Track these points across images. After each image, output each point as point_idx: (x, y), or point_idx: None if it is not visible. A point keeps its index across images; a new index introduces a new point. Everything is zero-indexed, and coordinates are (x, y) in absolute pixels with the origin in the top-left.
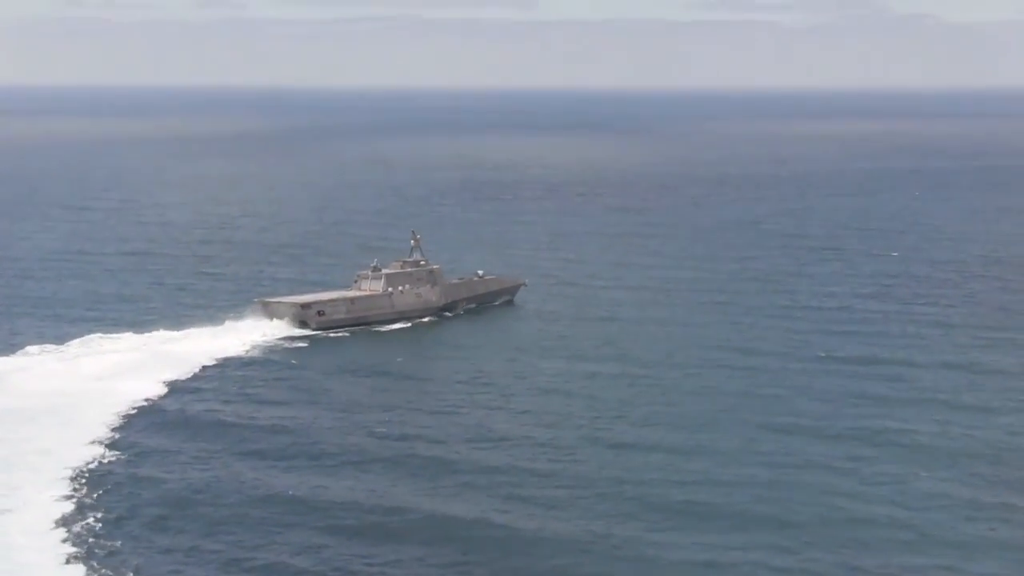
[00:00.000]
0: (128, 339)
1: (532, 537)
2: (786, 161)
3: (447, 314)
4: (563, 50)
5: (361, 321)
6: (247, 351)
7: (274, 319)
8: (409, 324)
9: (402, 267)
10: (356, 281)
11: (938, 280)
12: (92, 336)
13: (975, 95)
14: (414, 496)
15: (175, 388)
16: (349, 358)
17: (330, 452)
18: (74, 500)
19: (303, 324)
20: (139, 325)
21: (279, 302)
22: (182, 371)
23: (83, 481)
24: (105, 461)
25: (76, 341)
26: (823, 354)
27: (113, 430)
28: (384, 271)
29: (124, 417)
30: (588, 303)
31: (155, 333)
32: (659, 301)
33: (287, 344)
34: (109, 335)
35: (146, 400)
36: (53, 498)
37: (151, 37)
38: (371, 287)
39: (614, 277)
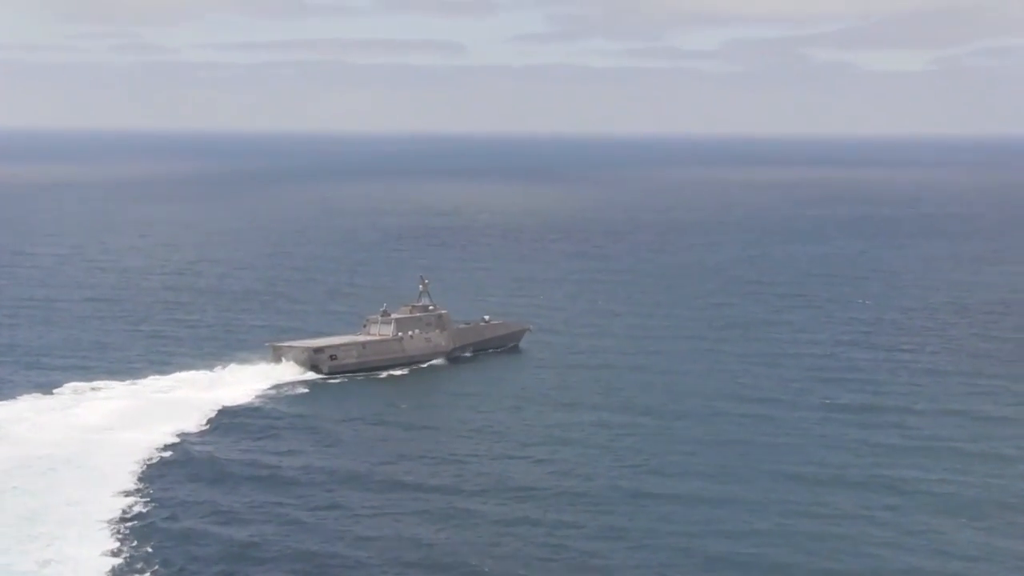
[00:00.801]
0: (119, 387)
1: None
2: (732, 207)
3: (455, 358)
4: (492, 96)
5: (372, 365)
6: (258, 396)
7: (285, 363)
8: (422, 367)
9: (411, 312)
10: (365, 325)
11: (915, 328)
12: (78, 384)
13: (894, 143)
14: (451, 547)
15: (191, 436)
16: (366, 405)
17: (365, 504)
18: (122, 555)
19: (315, 368)
20: (124, 373)
21: (290, 346)
22: (194, 418)
23: (124, 534)
24: (139, 512)
25: (66, 388)
26: (825, 401)
27: (139, 480)
28: (394, 316)
29: (145, 467)
30: (584, 350)
31: (146, 380)
32: (648, 349)
33: (300, 388)
34: (97, 382)
35: (163, 449)
36: (100, 552)
37: (73, 80)
38: (381, 332)
39: (597, 324)
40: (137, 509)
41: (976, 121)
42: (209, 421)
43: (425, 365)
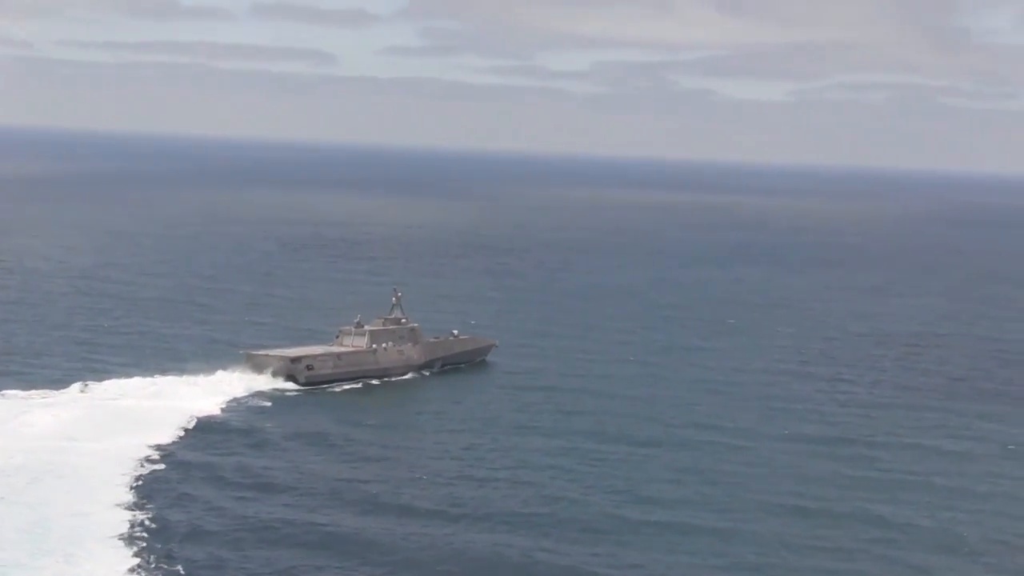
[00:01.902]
0: (60, 395)
1: None
2: (620, 229)
3: (425, 372)
4: (362, 107)
5: (346, 376)
6: (234, 404)
7: (260, 372)
8: (394, 380)
9: (384, 324)
10: (338, 336)
11: (844, 358)
12: (14, 391)
13: (755, 171)
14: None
15: (172, 445)
16: (348, 417)
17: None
18: (146, 571)
19: (291, 378)
20: (60, 381)
21: (266, 355)
22: (169, 427)
23: (140, 548)
24: (150, 526)
25: (10, 394)
26: (785, 432)
27: (134, 491)
28: (368, 328)
29: (135, 478)
30: (533, 371)
31: (101, 386)
32: (595, 372)
33: (277, 398)
34: (33, 391)
35: (149, 460)
36: (125, 569)
37: None
38: (355, 343)
39: (538, 345)
40: (145, 522)
41: (832, 152)
42: (186, 430)
43: (396, 378)
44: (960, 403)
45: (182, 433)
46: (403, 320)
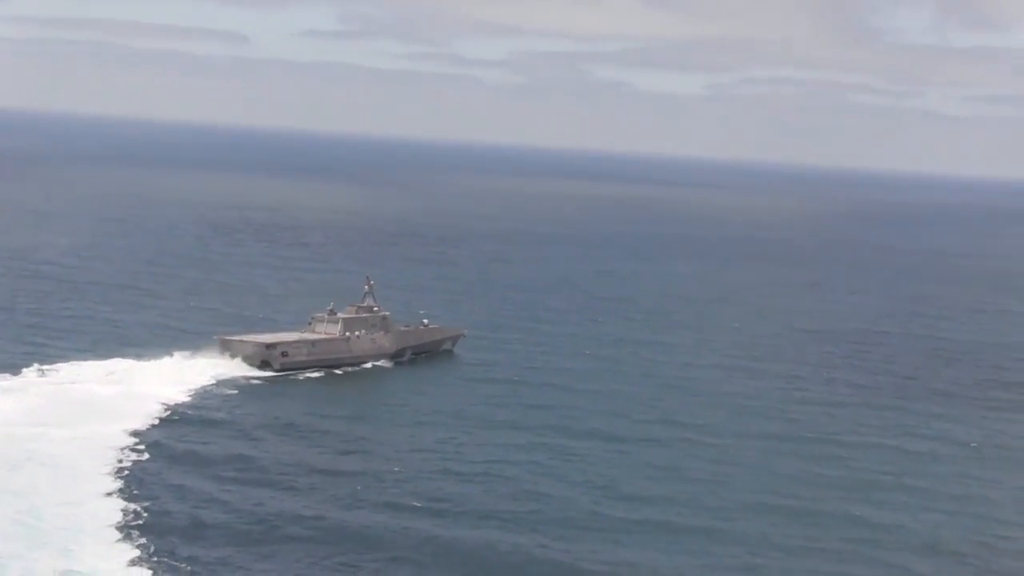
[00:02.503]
0: (26, 378)
1: None
2: (549, 219)
3: (396, 360)
4: (276, 90)
5: (320, 364)
6: (209, 389)
7: (234, 357)
8: (367, 367)
9: (357, 312)
10: (310, 323)
11: (794, 355)
12: None
13: (672, 163)
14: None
15: (150, 431)
16: (323, 406)
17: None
18: (148, 564)
19: (265, 364)
20: (13, 366)
21: (241, 341)
22: (144, 413)
23: (137, 538)
24: (143, 515)
25: None
26: (752, 429)
27: (120, 479)
28: (340, 315)
29: (119, 465)
30: (493, 363)
31: (58, 371)
32: (553, 365)
33: (251, 383)
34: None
35: (131, 447)
36: (126, 561)
37: None
38: (327, 330)
39: (491, 337)
40: (139, 512)
41: (744, 146)
42: (160, 417)
43: (369, 365)
44: (915, 402)
45: (156, 420)
46: (375, 308)
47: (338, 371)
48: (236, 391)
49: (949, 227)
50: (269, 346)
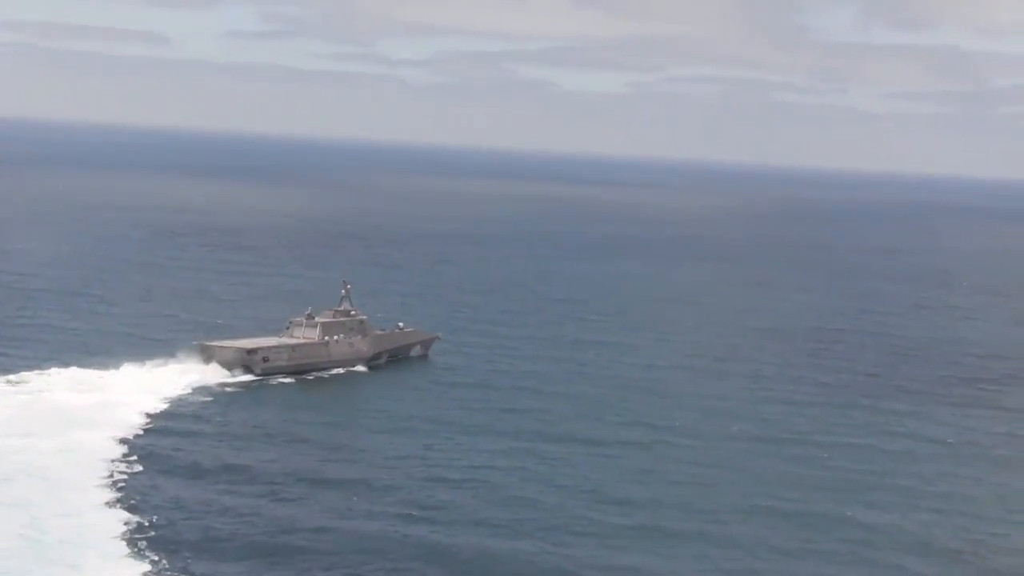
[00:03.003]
0: None
1: None
2: (491, 222)
3: (373, 364)
4: (198, 92)
5: (299, 368)
6: (191, 395)
7: (212, 363)
8: (342, 372)
9: (335, 316)
10: (288, 328)
11: (755, 355)
12: None
13: (597, 163)
14: None
15: (139, 438)
16: (306, 412)
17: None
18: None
19: (246, 369)
20: None
21: (221, 346)
22: (127, 420)
23: (145, 550)
24: (148, 526)
25: None
26: (732, 431)
27: (117, 488)
28: (319, 320)
29: (113, 474)
30: (467, 368)
31: (24, 381)
32: (521, 369)
33: (229, 390)
34: None
35: (123, 455)
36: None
37: None
38: (306, 335)
39: (452, 340)
40: (140, 523)
41: (668, 145)
42: (145, 423)
43: (343, 371)
44: (882, 401)
45: (140, 428)
46: (352, 312)
47: (313, 376)
48: (214, 398)
49: (879, 223)
50: (250, 351)
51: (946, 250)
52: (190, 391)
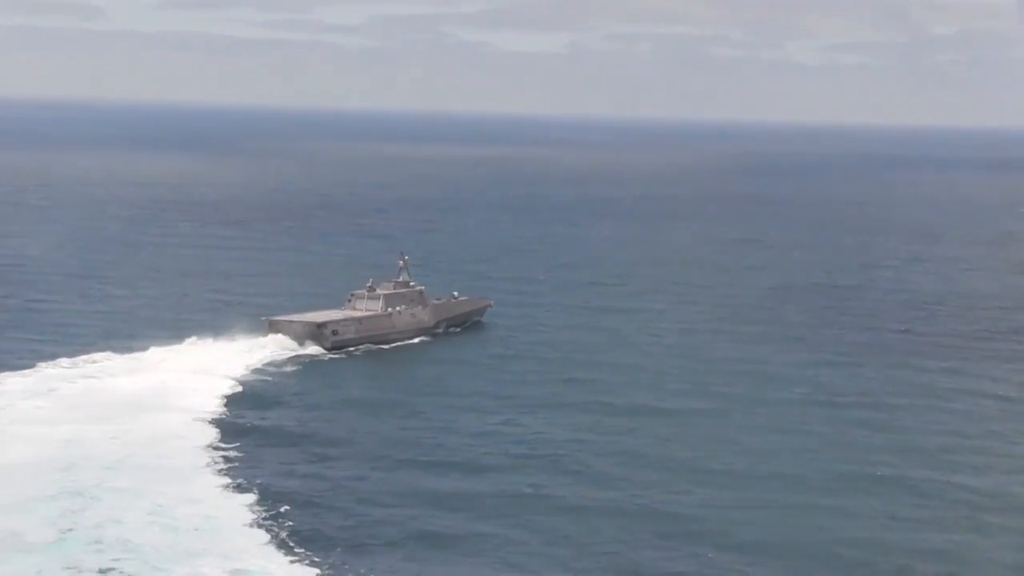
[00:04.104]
0: (51, 371)
1: None
2: (457, 186)
3: (433, 334)
4: (132, 63)
5: (366, 340)
6: (264, 370)
7: (281, 337)
8: (411, 343)
9: (395, 288)
10: (350, 300)
11: (778, 314)
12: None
13: (540, 123)
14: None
15: (225, 416)
16: (386, 382)
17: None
18: (311, 563)
19: (317, 343)
20: (27, 360)
21: (290, 320)
22: (209, 397)
23: (287, 538)
24: (280, 512)
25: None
26: (787, 396)
27: (230, 473)
28: (381, 292)
29: (218, 458)
30: (508, 339)
31: (87, 364)
32: (559, 339)
33: (306, 363)
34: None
35: (223, 438)
36: (287, 562)
37: None
38: (368, 307)
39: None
40: (266, 504)
41: (606, 103)
42: (231, 400)
43: (409, 341)
44: (927, 359)
45: (223, 407)
46: (411, 283)
47: (378, 348)
48: (289, 372)
49: (835, 176)
50: (320, 325)
51: (911, 200)
52: (261, 366)
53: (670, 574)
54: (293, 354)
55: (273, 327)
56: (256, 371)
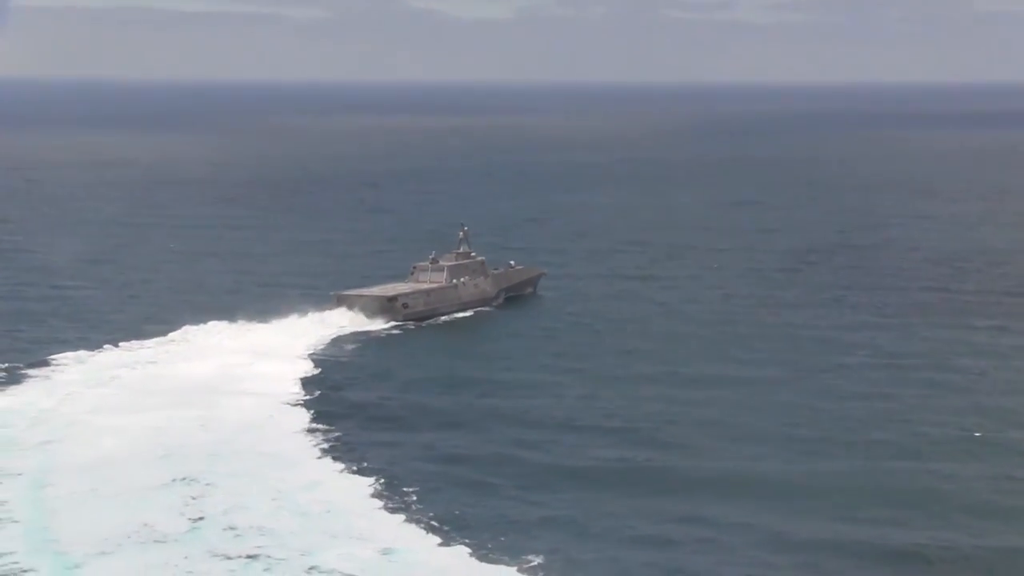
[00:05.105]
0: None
1: None
2: (438, 155)
3: (494, 304)
4: (72, 38)
5: (434, 313)
6: (334, 346)
7: (354, 312)
8: (470, 313)
9: (456, 259)
10: (413, 272)
11: (811, 278)
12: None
13: (498, 90)
14: None
15: (314, 393)
16: (465, 352)
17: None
18: (459, 544)
19: (389, 316)
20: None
21: (361, 295)
22: (292, 374)
23: (420, 514)
24: (406, 492)
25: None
26: (861, 358)
27: (336, 454)
28: (444, 264)
29: (324, 439)
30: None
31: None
32: (610, 309)
33: (383, 336)
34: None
35: (317, 417)
36: (435, 544)
37: None
38: (433, 279)
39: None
40: (383, 484)
41: (560, 69)
42: (311, 380)
43: (472, 312)
44: (972, 318)
45: (308, 387)
46: (472, 254)
47: (443, 320)
48: (365, 346)
49: (804, 134)
50: (391, 299)
51: (895, 157)
52: (329, 343)
53: (808, 541)
54: (358, 329)
55: (342, 301)
56: (325, 349)
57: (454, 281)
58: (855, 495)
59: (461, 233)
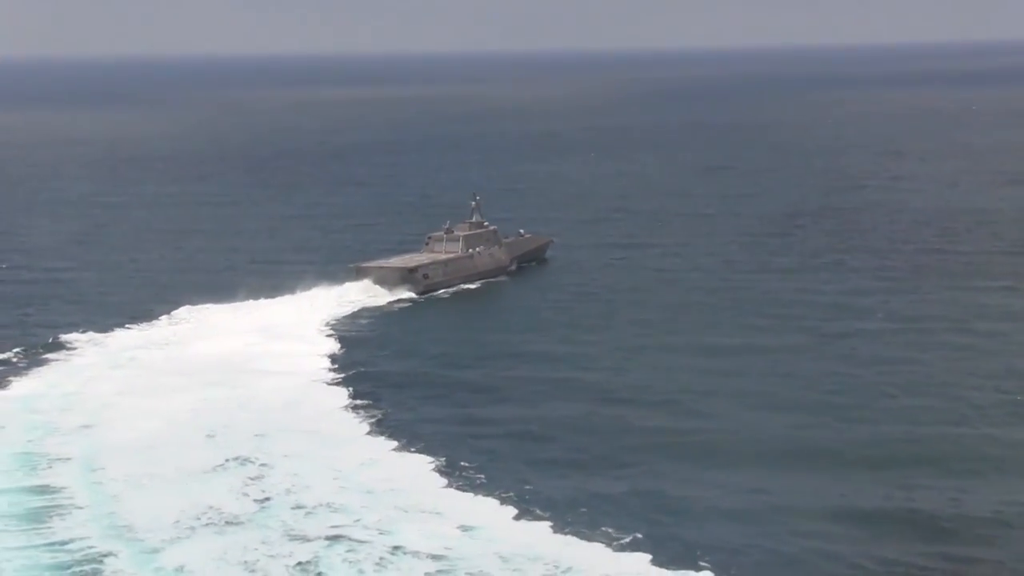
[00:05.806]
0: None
1: None
2: (395, 127)
3: (507, 272)
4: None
5: (452, 283)
6: (357, 318)
7: (373, 283)
8: (489, 281)
9: (470, 229)
10: (427, 243)
11: (807, 243)
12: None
13: (429, 60)
14: None
15: (344, 369)
16: (487, 320)
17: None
18: (534, 517)
19: (410, 287)
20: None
21: (381, 266)
22: (317, 347)
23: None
24: (465, 467)
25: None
26: (879, 323)
27: (384, 431)
28: (459, 234)
29: (368, 416)
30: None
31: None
32: (614, 278)
33: (405, 307)
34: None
35: (355, 394)
36: (510, 518)
37: None
38: (448, 249)
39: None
40: (451, 463)
41: (498, 38)
42: (342, 354)
43: (488, 280)
44: (970, 279)
45: (341, 362)
46: (485, 223)
47: (461, 289)
48: (390, 317)
49: (759, 98)
50: (411, 270)
51: (853, 119)
52: (348, 317)
53: (875, 511)
54: (370, 304)
55: (362, 273)
56: (342, 324)
57: (470, 251)
58: (912, 464)
59: (473, 203)
